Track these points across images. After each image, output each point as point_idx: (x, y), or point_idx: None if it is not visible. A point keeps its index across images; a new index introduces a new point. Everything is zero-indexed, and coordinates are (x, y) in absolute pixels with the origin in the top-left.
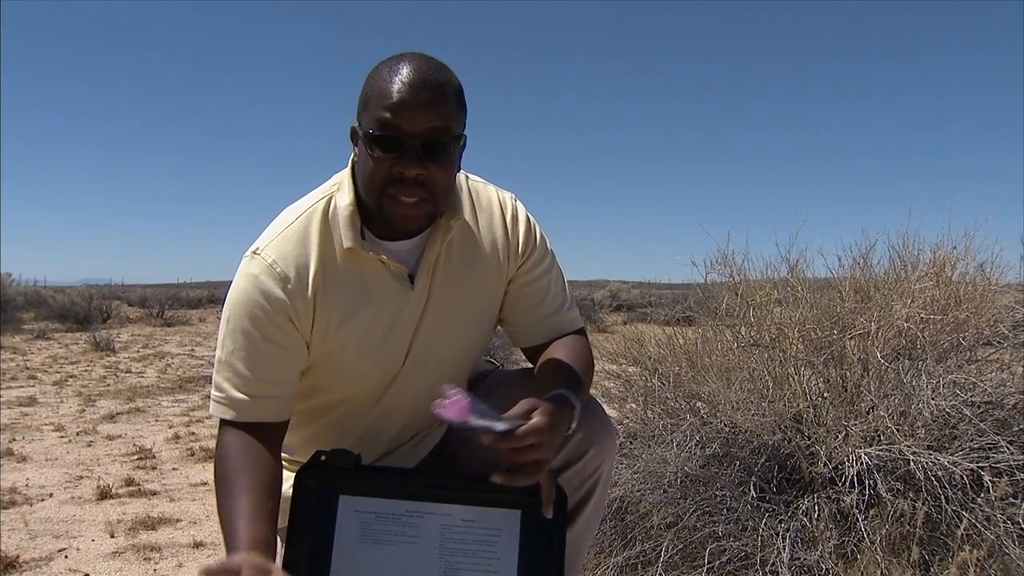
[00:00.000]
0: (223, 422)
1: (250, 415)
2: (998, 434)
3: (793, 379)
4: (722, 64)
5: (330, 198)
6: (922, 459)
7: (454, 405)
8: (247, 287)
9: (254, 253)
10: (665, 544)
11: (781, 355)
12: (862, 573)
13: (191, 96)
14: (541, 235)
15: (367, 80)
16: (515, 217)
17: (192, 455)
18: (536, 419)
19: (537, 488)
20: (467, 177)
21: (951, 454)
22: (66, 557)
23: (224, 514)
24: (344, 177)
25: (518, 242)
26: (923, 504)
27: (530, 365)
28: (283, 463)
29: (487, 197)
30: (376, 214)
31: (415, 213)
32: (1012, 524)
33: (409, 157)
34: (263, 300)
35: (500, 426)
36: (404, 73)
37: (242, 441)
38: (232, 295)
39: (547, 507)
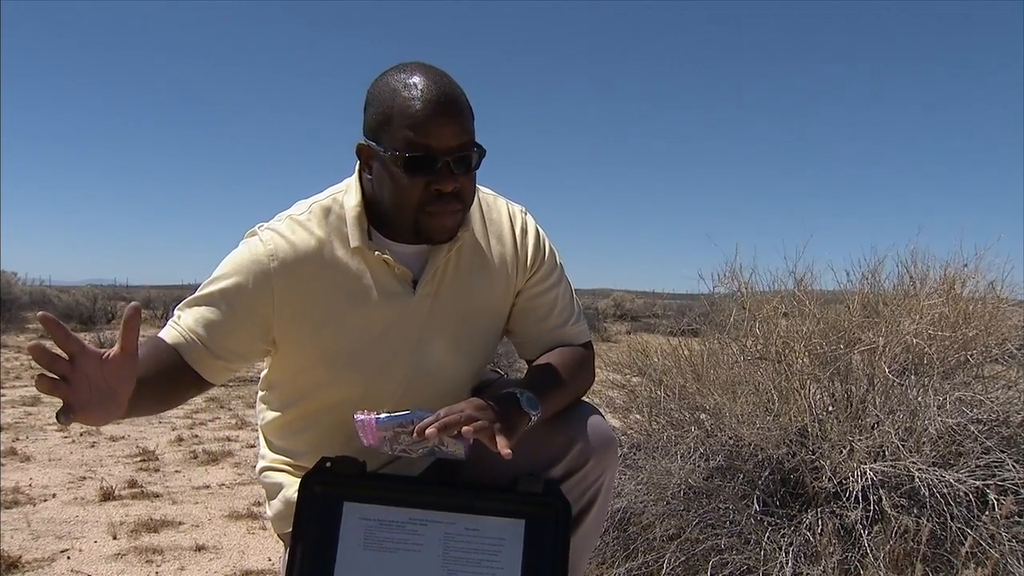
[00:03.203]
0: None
1: (180, 347)
2: (1004, 452)
3: (798, 393)
4: (731, 71)
5: (335, 197)
6: (927, 476)
7: (363, 428)
8: (241, 256)
9: (257, 227)
10: (668, 556)
11: (787, 369)
12: None
13: (199, 97)
14: (550, 248)
15: (377, 98)
16: (524, 230)
17: (195, 458)
18: (453, 406)
19: (540, 499)
20: (478, 189)
21: (956, 471)
22: (68, 558)
23: None
24: (351, 182)
25: (527, 255)
26: (927, 521)
27: None
28: (288, 468)
29: (497, 209)
30: (410, 230)
31: (452, 223)
32: (1017, 543)
33: (443, 174)
34: (247, 272)
35: (419, 415)
36: (422, 89)
37: (162, 347)
38: (228, 257)
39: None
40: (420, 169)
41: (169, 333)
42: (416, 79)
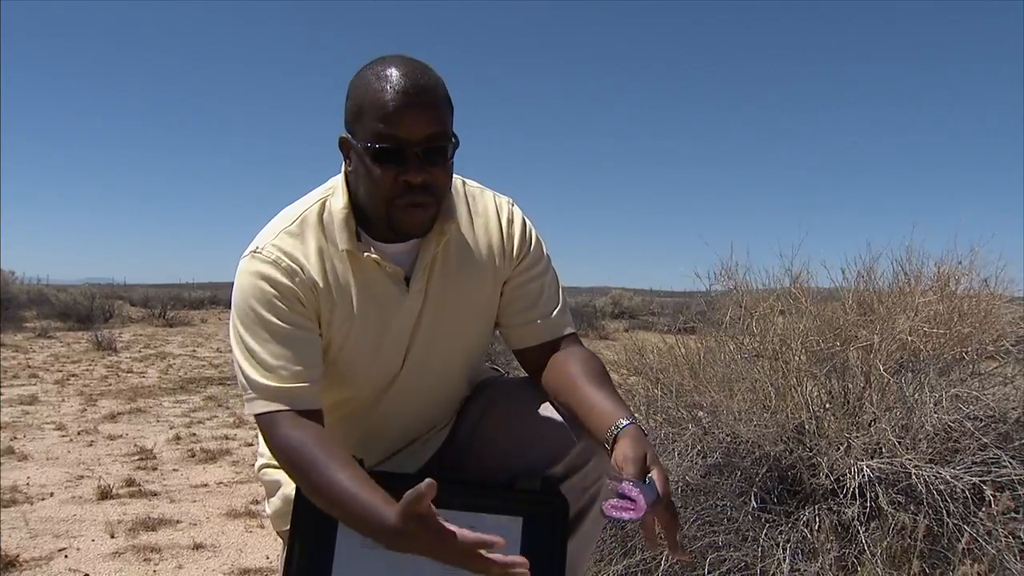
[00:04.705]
0: (267, 419)
1: (293, 404)
2: (1000, 448)
3: (795, 390)
4: (727, 70)
5: (324, 201)
6: (924, 472)
7: (635, 508)
8: (255, 282)
9: (255, 252)
10: (665, 553)
11: (783, 366)
12: None
13: (196, 96)
14: (537, 238)
15: (353, 89)
16: (511, 220)
17: (193, 456)
18: (662, 487)
19: (537, 497)
20: (464, 182)
21: (953, 468)
22: (66, 557)
23: (337, 493)
24: (338, 182)
25: (513, 244)
26: (924, 517)
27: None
28: None
29: (483, 201)
30: (384, 224)
31: (424, 218)
32: (1013, 539)
33: (412, 165)
34: (274, 290)
35: (648, 499)
36: (394, 80)
37: (302, 426)
38: (240, 294)
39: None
40: (389, 160)
41: (287, 399)
42: (390, 70)
